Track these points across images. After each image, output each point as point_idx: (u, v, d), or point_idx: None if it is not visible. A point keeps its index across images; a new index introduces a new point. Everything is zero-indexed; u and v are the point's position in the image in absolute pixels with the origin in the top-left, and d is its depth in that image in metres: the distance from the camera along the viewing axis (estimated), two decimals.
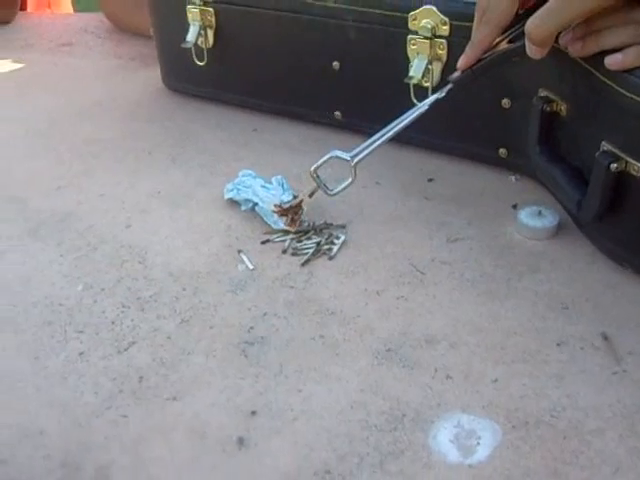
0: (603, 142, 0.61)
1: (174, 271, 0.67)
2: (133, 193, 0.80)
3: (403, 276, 0.65)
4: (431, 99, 0.68)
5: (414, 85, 0.77)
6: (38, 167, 0.86)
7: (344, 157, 0.68)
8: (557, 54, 0.64)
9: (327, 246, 0.68)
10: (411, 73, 0.76)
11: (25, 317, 0.63)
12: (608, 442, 0.50)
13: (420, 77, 0.76)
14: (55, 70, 1.14)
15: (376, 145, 0.69)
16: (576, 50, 0.62)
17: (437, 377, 0.55)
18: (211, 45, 0.91)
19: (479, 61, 0.66)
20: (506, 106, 0.75)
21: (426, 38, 0.75)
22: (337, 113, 0.87)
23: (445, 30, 0.74)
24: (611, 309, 0.61)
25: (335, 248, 0.68)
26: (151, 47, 1.12)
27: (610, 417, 0.52)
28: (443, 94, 0.68)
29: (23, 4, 1.45)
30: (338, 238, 0.69)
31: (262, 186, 0.73)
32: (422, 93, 0.77)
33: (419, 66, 0.76)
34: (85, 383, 0.57)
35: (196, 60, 0.92)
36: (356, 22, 0.80)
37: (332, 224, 0.72)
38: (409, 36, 0.77)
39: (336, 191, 0.70)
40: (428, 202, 0.76)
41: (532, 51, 0.61)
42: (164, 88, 1.03)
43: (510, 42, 0.64)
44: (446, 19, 0.74)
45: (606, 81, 0.60)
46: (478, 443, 0.50)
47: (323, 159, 0.69)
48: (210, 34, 0.90)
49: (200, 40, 0.90)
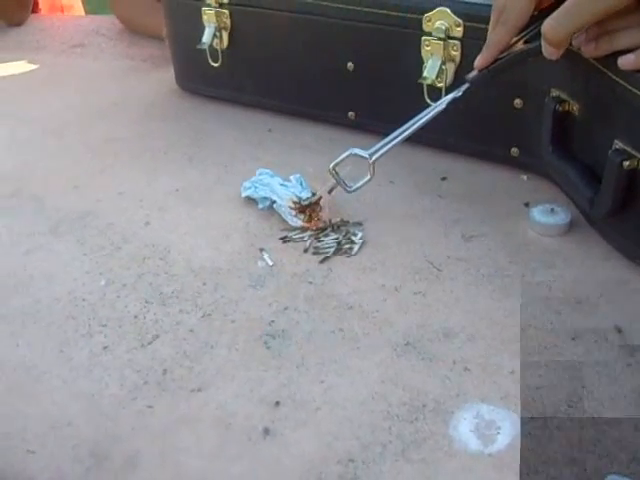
0: (615, 140, 0.63)
1: (195, 267, 0.69)
2: (151, 191, 0.81)
3: (420, 272, 0.67)
4: (448, 98, 0.70)
5: (428, 86, 0.79)
6: (55, 166, 0.87)
7: (363, 155, 0.70)
8: (569, 55, 0.65)
9: (348, 245, 0.69)
10: (425, 74, 0.78)
11: (49, 312, 0.65)
12: (624, 431, 0.51)
13: (434, 78, 0.78)
14: (68, 71, 1.16)
15: (394, 143, 0.70)
16: (589, 51, 0.63)
17: (455, 369, 0.57)
18: (226, 46, 0.92)
19: (496, 61, 0.67)
20: (518, 106, 0.76)
21: (440, 39, 0.77)
22: (351, 113, 0.88)
23: (459, 31, 0.76)
24: (624, 304, 0.62)
25: (356, 247, 0.69)
26: (162, 49, 1.14)
27: (626, 407, 0.53)
28: (460, 93, 0.69)
29: (35, 7, 1.47)
30: (356, 235, 0.71)
31: (281, 184, 0.74)
32: (436, 94, 0.78)
33: (433, 67, 0.78)
34: (110, 375, 0.58)
35: (211, 61, 0.94)
36: (370, 23, 0.81)
37: (349, 222, 0.73)
38: (423, 37, 0.78)
39: (355, 188, 0.71)
40: (442, 200, 0.77)
41: (548, 51, 0.62)
42: (177, 89, 1.04)
43: (526, 42, 0.66)
44: (460, 21, 0.75)
45: (619, 81, 0.61)
46: (498, 433, 0.51)
47: (342, 156, 0.70)
48: (225, 35, 0.92)
49: (215, 41, 0.92)
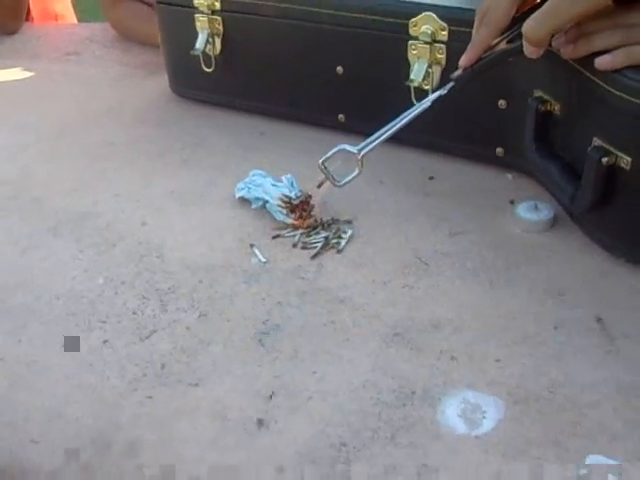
0: (594, 138, 0.65)
1: (190, 265, 0.71)
2: (147, 193, 0.83)
3: (408, 267, 0.69)
4: (434, 95, 0.72)
5: (415, 88, 0.81)
6: (53, 170, 0.89)
7: (351, 150, 0.72)
8: (550, 56, 0.68)
9: (335, 240, 0.72)
10: (412, 76, 0.80)
11: (50, 309, 0.67)
12: (604, 414, 0.54)
13: (421, 80, 0.80)
14: (63, 78, 1.18)
15: (382, 139, 0.72)
16: (568, 52, 0.66)
17: (443, 358, 0.59)
18: (218, 52, 0.95)
19: (479, 60, 0.70)
20: (502, 107, 0.79)
21: (426, 43, 0.79)
22: (341, 116, 0.91)
23: (444, 35, 0.78)
24: (605, 295, 0.65)
25: (343, 242, 0.72)
26: (155, 55, 1.16)
27: (605, 392, 0.56)
28: (445, 91, 0.72)
29: (28, 16, 1.49)
30: (345, 232, 0.73)
31: (272, 184, 0.76)
32: (422, 96, 0.80)
33: (419, 70, 0.80)
34: (110, 368, 0.60)
35: (204, 67, 0.96)
36: (359, 29, 0.84)
37: (339, 220, 0.75)
38: (410, 42, 0.81)
39: (343, 182, 0.73)
40: (429, 199, 0.79)
41: (529, 51, 0.65)
42: (171, 94, 1.06)
43: (509, 42, 0.69)
44: (445, 25, 0.78)
45: (597, 81, 0.64)
46: (483, 417, 0.54)
47: (331, 152, 0.72)
48: (218, 42, 0.94)
49: (208, 47, 0.94)
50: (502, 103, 0.79)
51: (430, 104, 0.72)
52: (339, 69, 0.88)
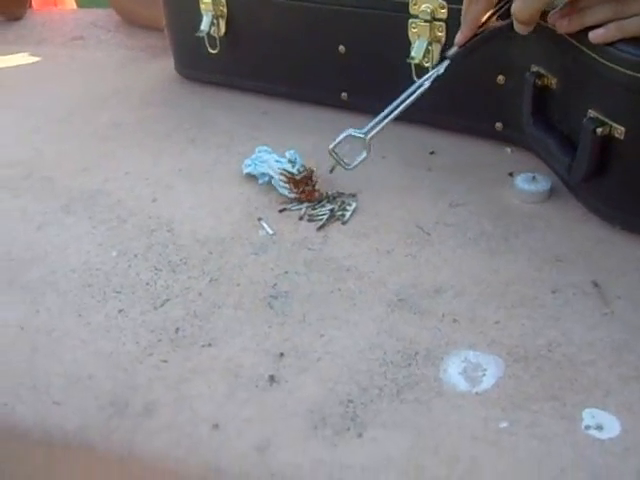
0: (590, 110, 0.68)
1: (200, 238, 0.73)
2: (156, 171, 0.85)
3: (411, 237, 0.72)
4: (431, 75, 0.75)
5: (415, 65, 0.84)
6: (63, 150, 0.92)
7: (359, 135, 0.75)
8: (546, 32, 0.71)
9: (340, 212, 0.75)
10: (413, 54, 0.83)
11: (66, 281, 0.69)
12: (599, 371, 0.56)
13: (421, 57, 0.83)
14: (69, 62, 1.20)
15: (386, 122, 0.75)
16: (563, 27, 0.69)
17: (445, 321, 0.62)
18: (223, 34, 0.97)
19: (473, 37, 0.72)
20: (501, 82, 0.81)
21: (426, 21, 0.82)
22: (343, 94, 0.93)
23: (443, 13, 0.81)
24: (601, 261, 0.67)
25: (348, 214, 0.74)
26: (160, 39, 1.19)
27: (601, 351, 0.58)
28: (442, 70, 0.74)
29: (31, 2, 1.50)
30: (350, 205, 0.76)
31: (276, 160, 0.79)
32: (423, 72, 0.82)
33: (420, 47, 0.83)
34: (126, 335, 0.63)
35: (209, 48, 0.98)
36: (360, 8, 0.86)
37: (344, 193, 0.78)
38: (410, 20, 0.83)
39: (353, 165, 0.76)
40: (431, 173, 0.82)
41: (518, 28, 0.68)
42: (176, 76, 1.09)
43: (499, 19, 0.71)
44: (444, 3, 0.80)
45: (590, 54, 0.66)
46: (484, 374, 0.56)
47: (339, 138, 0.75)
48: (222, 23, 0.96)
49: (213, 29, 0.96)
50: (500, 79, 0.81)
51: (429, 84, 0.75)
52: (341, 48, 0.90)
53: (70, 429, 0.55)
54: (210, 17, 0.96)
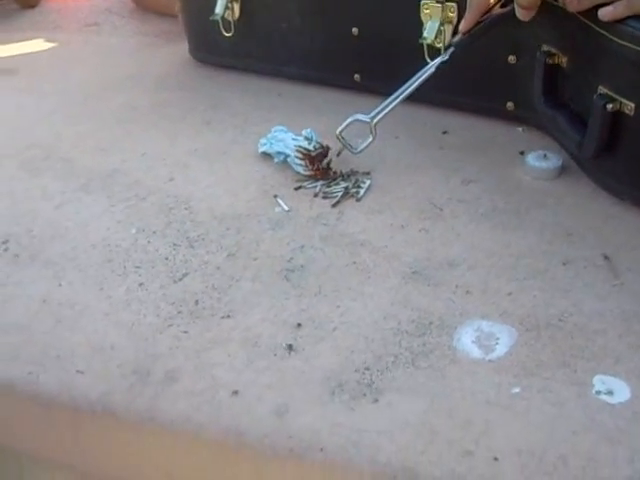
0: (600, 87, 0.69)
1: (217, 215, 0.75)
2: (173, 151, 0.87)
3: (424, 212, 0.73)
4: (436, 62, 0.77)
5: (428, 46, 0.85)
6: (81, 132, 0.93)
7: (364, 119, 0.78)
8: (556, 11, 0.72)
9: (355, 190, 0.76)
10: (425, 34, 0.84)
11: (86, 257, 0.71)
12: (609, 340, 0.58)
13: (433, 38, 0.84)
14: (85, 48, 1.22)
15: (392, 106, 0.77)
16: (573, 6, 0.70)
17: (458, 292, 0.63)
18: (237, 17, 0.98)
19: (477, 24, 0.74)
20: (512, 62, 0.82)
21: (438, 2, 0.83)
22: (357, 76, 0.94)
23: None
24: (611, 235, 0.69)
25: (362, 191, 0.76)
26: (173, 24, 1.20)
27: (611, 320, 0.59)
28: (447, 57, 0.77)
29: None
30: (364, 183, 0.77)
31: (293, 138, 0.80)
32: (435, 53, 0.84)
33: (432, 28, 0.84)
34: (147, 307, 0.64)
35: (224, 31, 1.00)
36: None
37: (358, 172, 0.79)
38: (422, 1, 0.84)
39: (359, 149, 0.79)
40: (443, 152, 0.83)
41: (520, 14, 0.70)
42: (191, 60, 1.10)
43: (502, 6, 0.73)
44: None
45: (600, 31, 0.68)
46: (497, 343, 0.58)
47: (346, 122, 0.78)
48: (236, 7, 0.98)
49: (227, 13, 0.98)
50: (512, 59, 0.82)
51: (434, 70, 0.77)
52: (354, 30, 0.91)
53: (94, 396, 0.57)
54: (224, 0, 0.97)
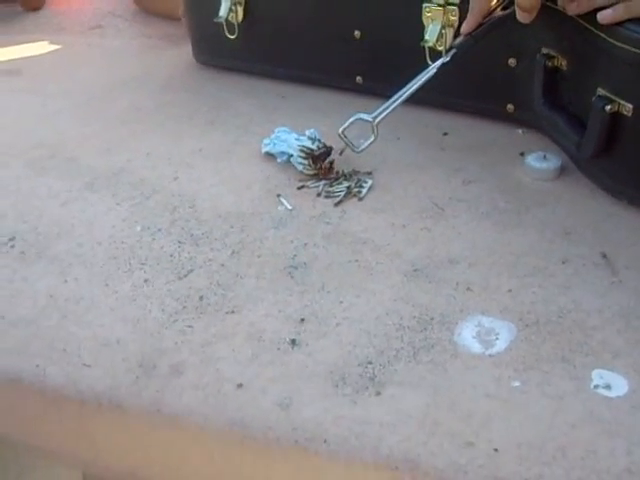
0: (599, 88, 0.70)
1: (221, 213, 0.76)
2: (177, 151, 0.88)
3: (425, 211, 0.74)
4: (438, 63, 0.78)
5: (429, 48, 0.86)
6: (87, 132, 0.94)
7: (367, 119, 0.79)
8: (556, 14, 0.73)
9: (357, 189, 0.77)
10: (426, 37, 0.85)
11: (92, 254, 0.72)
12: (608, 335, 0.59)
13: (434, 41, 0.85)
14: (89, 50, 1.23)
15: (393, 107, 0.79)
16: (572, 9, 0.71)
17: (459, 289, 0.64)
18: (241, 19, 0.99)
19: (479, 26, 0.75)
20: (512, 65, 0.84)
21: (439, 6, 0.84)
22: (358, 78, 0.95)
23: None
24: (609, 233, 0.70)
25: (364, 190, 0.77)
26: (177, 27, 1.21)
27: (609, 317, 0.61)
28: (448, 58, 0.78)
29: None
30: (366, 182, 0.78)
31: (296, 139, 0.81)
32: (436, 56, 0.85)
33: (433, 31, 0.85)
34: (152, 303, 0.65)
35: (227, 34, 1.01)
36: None
37: (360, 171, 0.80)
38: (424, 4, 0.85)
39: (361, 148, 0.80)
40: (444, 152, 0.84)
41: (521, 16, 0.71)
42: (194, 63, 1.11)
43: (504, 9, 0.74)
44: None
45: (599, 34, 0.69)
46: (497, 338, 0.59)
47: (349, 121, 0.79)
48: (240, 9, 0.99)
49: (231, 15, 0.99)
50: (512, 61, 0.84)
51: (435, 71, 0.78)
52: (357, 33, 0.92)
53: (100, 389, 0.58)
54: (228, 3, 0.98)
